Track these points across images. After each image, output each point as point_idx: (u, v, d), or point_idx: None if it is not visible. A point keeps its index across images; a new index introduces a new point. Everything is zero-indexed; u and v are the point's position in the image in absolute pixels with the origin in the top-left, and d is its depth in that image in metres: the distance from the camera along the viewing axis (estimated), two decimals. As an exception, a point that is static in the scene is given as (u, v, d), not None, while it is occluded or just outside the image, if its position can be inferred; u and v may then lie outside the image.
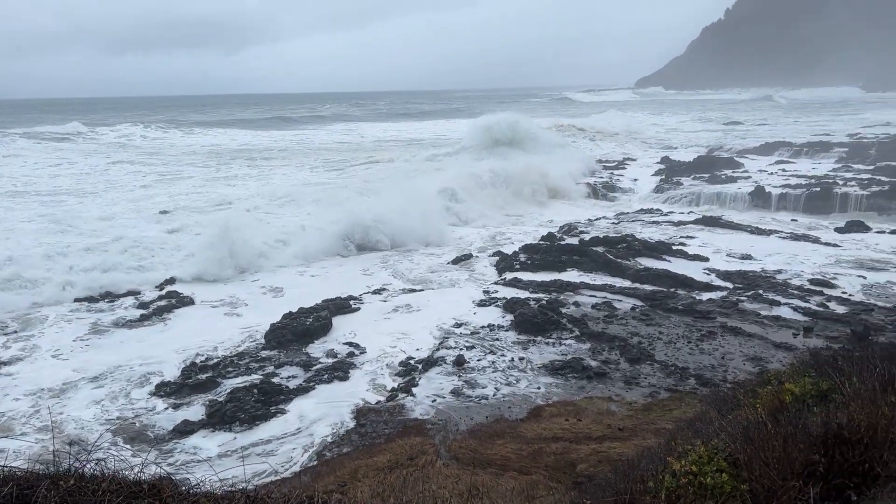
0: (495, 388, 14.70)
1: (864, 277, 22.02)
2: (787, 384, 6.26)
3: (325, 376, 15.71)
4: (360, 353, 17.15)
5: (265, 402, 14.35)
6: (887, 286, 21.11)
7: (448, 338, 17.78)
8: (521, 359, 16.32)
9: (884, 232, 28.97)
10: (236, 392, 14.69)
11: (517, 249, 27.11)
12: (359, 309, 20.69)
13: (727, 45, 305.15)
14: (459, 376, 15.32)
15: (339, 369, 16.04)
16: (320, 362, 16.61)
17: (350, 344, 17.65)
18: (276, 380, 15.54)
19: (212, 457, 12.27)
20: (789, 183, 39.35)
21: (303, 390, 15.05)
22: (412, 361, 16.37)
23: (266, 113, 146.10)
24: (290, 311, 19.46)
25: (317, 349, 17.50)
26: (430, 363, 16.05)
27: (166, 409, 14.32)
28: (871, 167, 43.70)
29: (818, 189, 36.89)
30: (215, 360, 16.77)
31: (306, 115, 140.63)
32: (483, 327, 18.51)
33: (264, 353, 17.24)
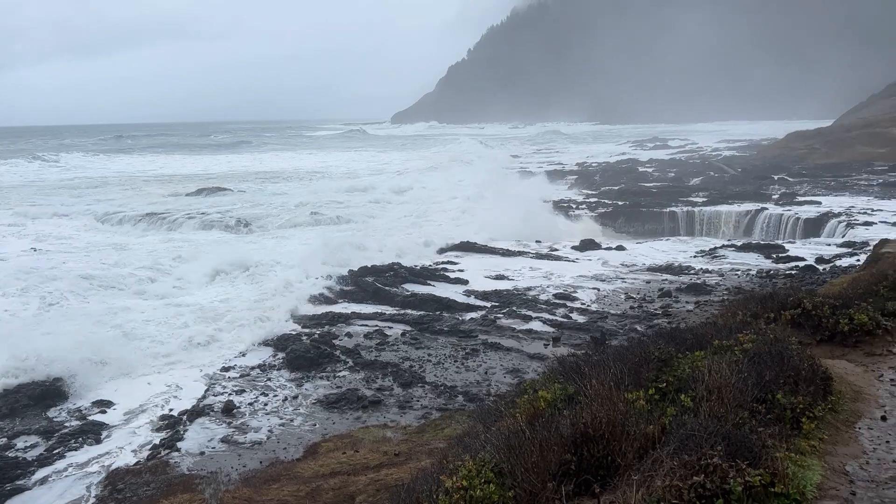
0: (269, 431, 14.17)
1: (598, 289, 24.92)
2: (540, 392, 6.85)
3: (73, 441, 13.95)
4: (114, 410, 15.51)
5: (-4, 481, 12.36)
6: (615, 295, 24.10)
7: (216, 384, 16.79)
8: (294, 397, 15.93)
9: (610, 248, 33.07)
10: (-44, 474, 12.47)
11: (285, 284, 26.54)
12: (110, 362, 18.72)
13: (472, 83, 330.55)
14: (229, 423, 14.51)
15: (90, 431, 14.35)
16: (66, 426, 14.71)
17: (101, 402, 15.88)
18: (10, 453, 13.45)
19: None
20: (532, 208, 43.42)
21: (45, 461, 13.20)
22: (175, 414, 15.16)
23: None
24: (23, 373, 17.02)
25: (60, 412, 15.49)
26: (195, 413, 15.00)
27: None
28: (597, 192, 49.97)
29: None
30: (-74, 440, 14.12)
31: (42, 147, 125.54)
32: (253, 368, 17.77)
33: (-8, 424, 14.87)
